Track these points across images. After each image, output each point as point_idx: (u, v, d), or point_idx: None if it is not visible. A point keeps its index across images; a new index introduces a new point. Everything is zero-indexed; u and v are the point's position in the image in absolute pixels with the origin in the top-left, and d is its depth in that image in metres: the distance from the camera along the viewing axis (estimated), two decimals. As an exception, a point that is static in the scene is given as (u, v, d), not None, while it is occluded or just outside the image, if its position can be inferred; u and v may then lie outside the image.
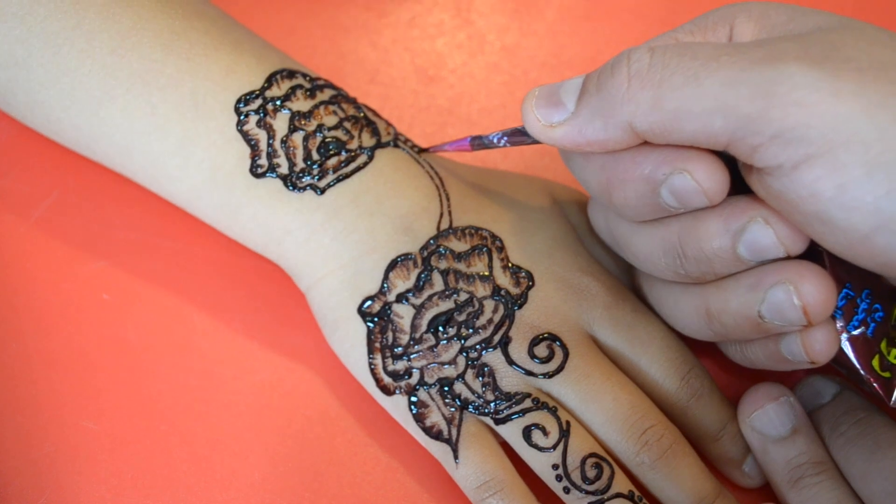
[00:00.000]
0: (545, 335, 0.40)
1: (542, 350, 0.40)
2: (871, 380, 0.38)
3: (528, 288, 0.41)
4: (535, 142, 0.38)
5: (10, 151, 0.47)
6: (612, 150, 0.36)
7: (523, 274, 0.41)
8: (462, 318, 0.40)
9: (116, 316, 0.45)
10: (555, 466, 0.38)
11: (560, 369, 0.39)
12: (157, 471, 0.42)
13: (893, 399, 0.38)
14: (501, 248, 0.41)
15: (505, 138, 0.40)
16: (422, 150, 0.44)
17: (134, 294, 0.45)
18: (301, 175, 0.41)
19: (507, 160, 0.50)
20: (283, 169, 0.41)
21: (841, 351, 0.38)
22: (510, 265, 0.41)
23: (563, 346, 0.40)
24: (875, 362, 0.38)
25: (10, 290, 0.45)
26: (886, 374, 0.38)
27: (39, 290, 0.45)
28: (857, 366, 0.38)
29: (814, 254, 0.38)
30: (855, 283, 0.38)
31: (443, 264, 0.40)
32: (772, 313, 0.36)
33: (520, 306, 0.40)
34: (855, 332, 0.38)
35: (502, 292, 0.40)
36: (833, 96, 0.31)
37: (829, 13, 0.34)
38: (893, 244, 0.31)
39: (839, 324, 0.38)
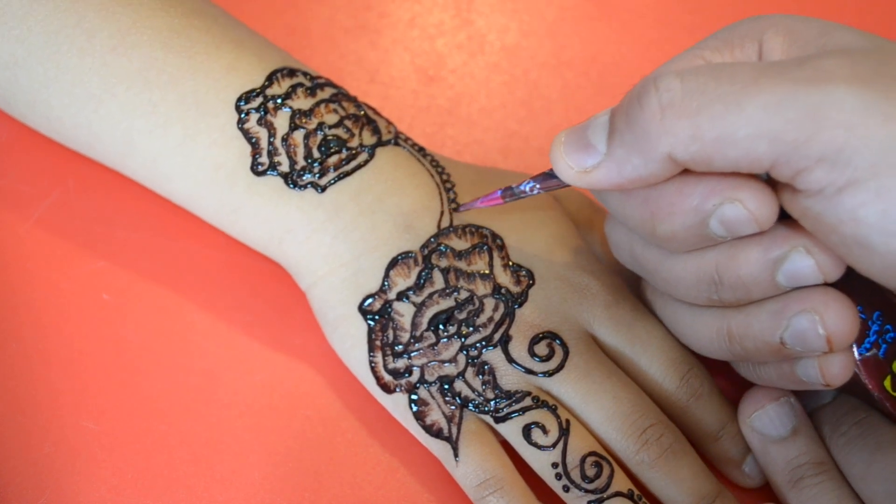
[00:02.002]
0: (545, 334, 0.40)
1: (542, 348, 0.40)
2: (884, 399, 0.38)
3: (529, 286, 0.41)
4: (568, 185, 0.37)
5: (10, 151, 0.47)
6: (654, 184, 0.34)
7: (524, 272, 0.41)
8: (462, 316, 0.40)
9: (116, 316, 0.45)
10: (554, 465, 0.38)
11: (560, 368, 0.39)
12: (157, 471, 0.42)
13: None
14: (502, 247, 0.41)
15: (538, 186, 0.39)
16: (456, 209, 0.42)
17: (134, 294, 0.45)
18: (302, 173, 0.41)
19: (506, 162, 0.50)
20: (284, 167, 0.41)
21: (858, 372, 0.38)
22: (511, 263, 0.41)
23: (564, 345, 0.40)
24: (887, 383, 0.38)
25: (10, 290, 0.45)
26: None
27: (39, 290, 0.45)
28: (869, 387, 0.38)
29: None
30: (866, 305, 0.38)
31: (443, 262, 0.40)
32: (794, 340, 0.35)
33: (520, 305, 0.40)
34: (867, 354, 0.38)
35: (503, 290, 0.40)
36: (881, 120, 0.30)
37: (860, 31, 0.33)
38: None
39: (856, 350, 0.38)
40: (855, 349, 0.38)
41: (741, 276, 0.35)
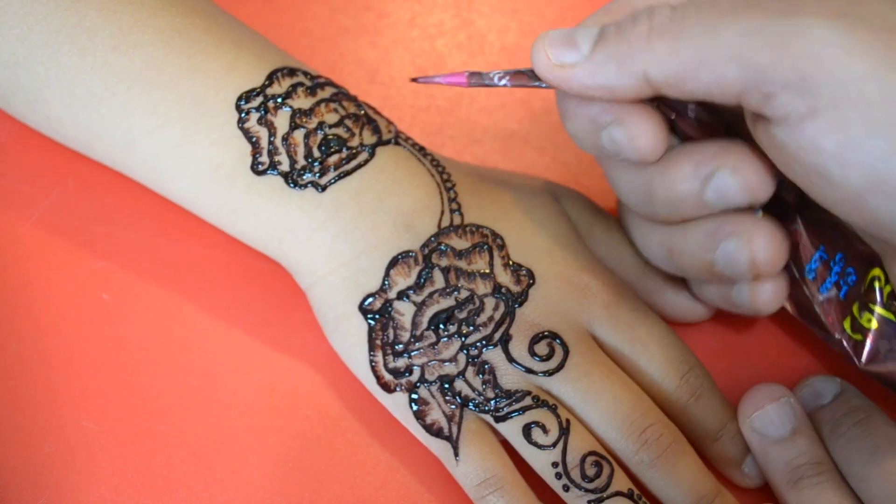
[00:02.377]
0: (546, 333, 0.40)
1: (542, 348, 0.40)
2: (843, 341, 0.40)
3: (529, 286, 0.41)
4: (538, 85, 0.38)
5: (10, 151, 0.47)
6: (618, 99, 0.36)
7: (524, 272, 0.41)
8: (463, 315, 0.40)
9: (116, 316, 0.45)
10: (554, 464, 0.38)
11: (560, 367, 0.39)
12: (157, 471, 0.42)
13: (863, 360, 0.40)
14: (502, 246, 0.41)
15: (507, 78, 0.40)
16: (412, 79, 0.42)
17: (134, 294, 0.45)
18: (302, 172, 0.41)
19: (507, 160, 0.50)
20: (285, 166, 0.41)
21: (814, 311, 0.40)
22: (511, 263, 0.41)
23: (564, 345, 0.40)
24: (847, 324, 0.40)
25: (10, 290, 0.45)
26: (858, 336, 0.40)
27: (39, 290, 0.45)
28: (829, 326, 0.40)
29: (789, 214, 0.39)
30: (829, 246, 0.40)
31: (444, 262, 0.41)
32: (723, 262, 0.38)
33: (520, 304, 0.40)
34: (828, 294, 0.40)
35: (503, 290, 0.40)
36: (846, 52, 0.31)
37: None
38: (884, 206, 0.32)
39: (814, 286, 0.40)
40: (816, 288, 0.40)
41: (672, 191, 0.37)
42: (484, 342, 0.40)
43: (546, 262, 0.41)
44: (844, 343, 0.40)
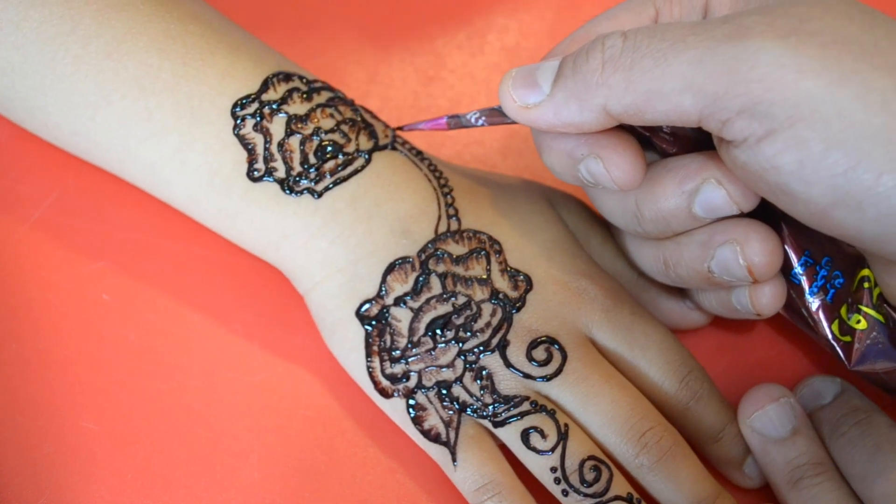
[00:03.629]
0: (543, 338, 0.40)
1: (540, 353, 0.40)
2: (832, 343, 0.40)
3: (527, 291, 0.41)
4: (513, 122, 0.39)
5: (10, 151, 0.47)
6: (586, 132, 0.37)
7: (521, 277, 0.41)
8: (460, 321, 0.40)
9: (116, 316, 0.45)
10: (553, 469, 0.38)
11: (558, 372, 0.39)
12: (157, 471, 0.42)
13: (853, 361, 0.40)
14: (500, 252, 0.41)
15: (483, 118, 0.41)
16: (396, 129, 0.44)
17: (134, 294, 0.45)
18: (298, 179, 0.41)
19: (505, 162, 0.50)
20: (280, 173, 0.41)
21: (803, 314, 0.40)
22: (508, 268, 0.41)
23: (562, 349, 0.40)
24: (835, 327, 0.40)
25: (10, 291, 0.45)
26: (847, 338, 0.40)
27: (39, 290, 0.45)
28: (817, 329, 0.40)
29: (774, 219, 0.39)
30: (815, 250, 0.40)
31: (441, 268, 0.40)
32: (720, 269, 0.38)
33: (518, 310, 0.40)
34: (814, 298, 0.40)
35: (500, 296, 0.40)
36: (796, 72, 0.31)
37: None
38: (849, 219, 0.32)
39: (800, 290, 0.40)
40: (803, 291, 0.40)
41: (659, 210, 0.38)
42: (481, 348, 0.40)
43: (543, 267, 0.41)
44: (834, 345, 0.40)
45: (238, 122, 0.41)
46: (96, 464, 0.42)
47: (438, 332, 0.40)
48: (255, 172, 0.41)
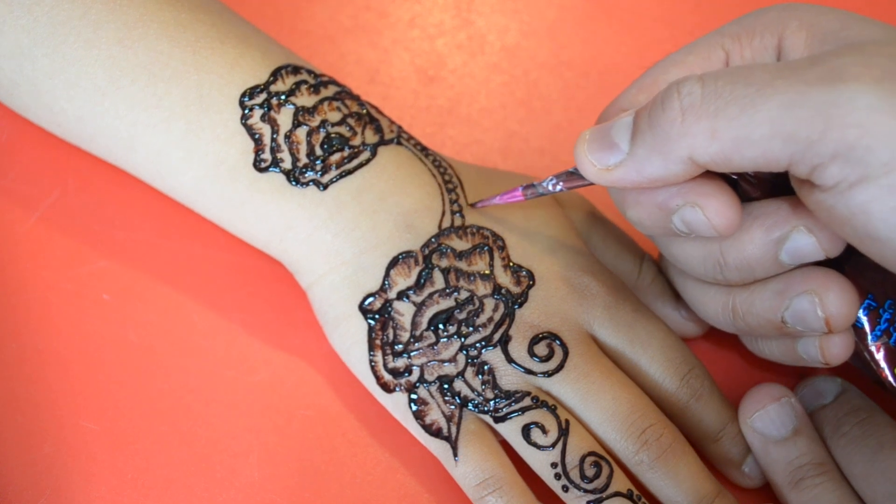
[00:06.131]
0: (545, 334, 0.40)
1: (541, 349, 0.40)
2: (893, 385, 0.39)
3: (529, 287, 0.41)
4: (591, 183, 0.38)
5: (10, 151, 0.47)
6: (674, 184, 0.36)
7: (524, 273, 0.41)
8: (462, 316, 0.40)
9: (116, 316, 0.45)
10: (554, 465, 0.38)
11: (560, 368, 0.39)
12: (157, 471, 0.42)
13: None
14: (503, 247, 0.41)
15: (560, 184, 0.40)
16: (472, 205, 0.43)
17: (134, 294, 0.45)
18: (304, 170, 0.41)
19: (505, 162, 0.50)
20: (287, 164, 0.41)
21: (864, 357, 0.39)
22: (511, 264, 0.41)
23: (563, 345, 0.40)
24: None
25: (10, 290, 0.45)
26: None
27: (39, 290, 0.45)
28: (879, 374, 0.39)
29: (836, 262, 0.38)
30: (878, 293, 0.39)
31: (444, 262, 0.41)
32: (795, 320, 0.37)
33: (520, 305, 0.40)
34: (878, 342, 0.39)
35: (503, 291, 0.40)
36: (893, 118, 0.30)
37: (882, 23, 0.34)
38: None
39: (863, 333, 0.39)
40: (866, 336, 0.39)
41: (745, 258, 0.37)
42: (483, 343, 0.40)
43: (546, 263, 0.41)
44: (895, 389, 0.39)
45: (246, 111, 0.41)
46: (96, 464, 0.42)
47: (441, 326, 0.40)
48: (262, 163, 0.41)
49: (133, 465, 0.42)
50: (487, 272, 0.41)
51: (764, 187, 0.38)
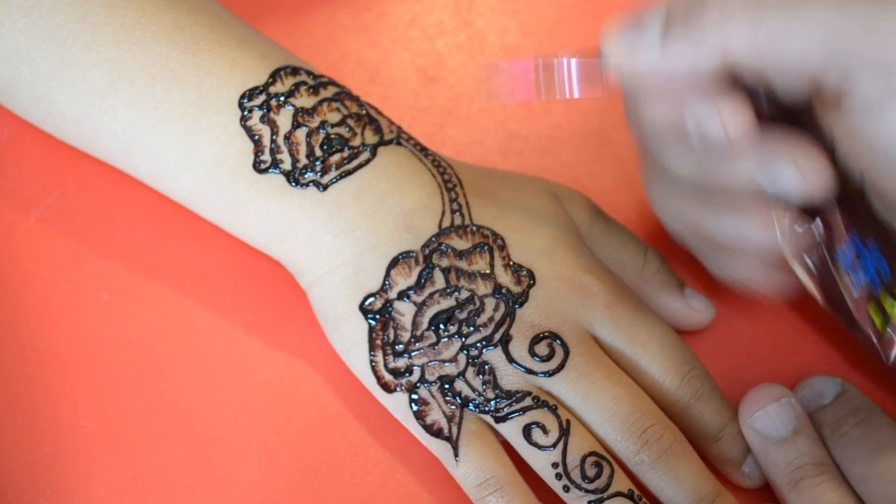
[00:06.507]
0: (546, 334, 0.40)
1: (542, 348, 0.40)
2: (872, 335, 0.39)
3: (530, 286, 0.41)
4: (606, 82, 0.37)
5: (10, 151, 0.47)
6: (699, 78, 0.35)
7: (524, 272, 0.41)
8: (463, 315, 0.40)
9: (117, 316, 0.44)
10: (554, 465, 0.38)
11: (560, 368, 0.39)
12: (157, 471, 0.42)
13: (892, 356, 0.39)
14: (503, 247, 0.41)
15: (575, 77, 0.38)
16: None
17: (134, 294, 0.45)
18: (304, 171, 0.41)
19: (505, 162, 0.50)
20: (286, 165, 0.41)
21: (845, 302, 0.39)
22: (512, 263, 0.41)
23: (564, 345, 0.40)
24: (874, 314, 0.39)
25: (10, 290, 0.45)
26: (887, 333, 0.39)
27: (39, 290, 0.45)
28: (859, 319, 0.39)
29: (827, 206, 0.38)
30: (861, 232, 0.39)
31: (444, 262, 0.40)
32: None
33: (521, 305, 0.40)
34: (858, 284, 0.39)
35: (503, 290, 0.40)
36: None
37: None
38: None
39: (847, 277, 0.39)
40: (849, 278, 0.39)
41: (730, 174, 0.36)
42: (484, 343, 0.40)
43: (547, 262, 0.41)
44: (873, 338, 0.39)
45: (245, 113, 0.41)
46: (96, 464, 0.42)
47: (441, 326, 0.40)
48: (261, 164, 0.41)
49: (133, 465, 0.42)
50: (488, 271, 0.41)
51: (772, 120, 0.37)
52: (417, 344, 0.40)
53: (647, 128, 0.37)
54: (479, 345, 0.40)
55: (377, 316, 0.40)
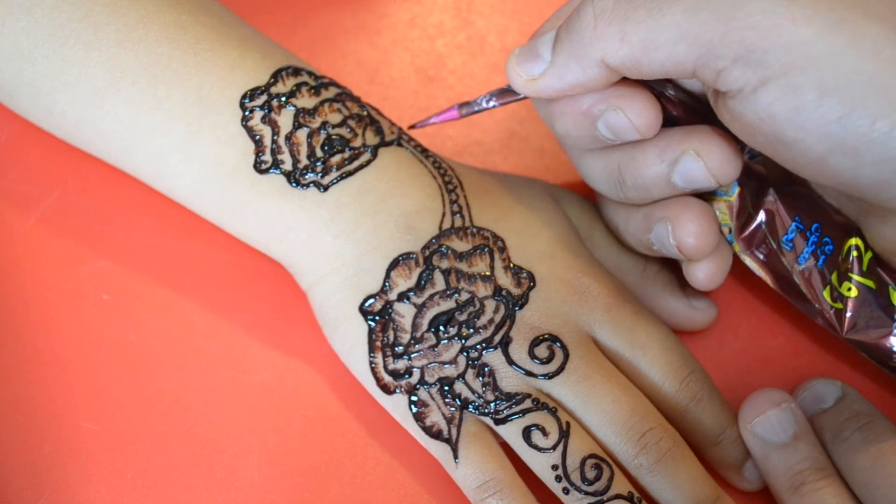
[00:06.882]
0: (546, 336, 0.40)
1: (542, 351, 0.40)
2: (823, 310, 0.40)
3: (530, 289, 0.41)
4: (522, 98, 0.40)
5: (10, 151, 0.47)
6: (593, 90, 0.38)
7: (524, 275, 0.41)
8: (463, 317, 0.40)
9: (116, 316, 0.44)
10: (554, 467, 0.38)
11: (560, 370, 0.39)
12: (157, 471, 0.42)
13: (845, 328, 0.41)
14: (503, 249, 0.41)
15: (493, 99, 0.42)
16: (409, 128, 0.45)
17: (134, 294, 0.45)
18: (304, 172, 0.41)
19: (505, 163, 0.50)
20: (287, 165, 0.41)
21: (794, 282, 0.41)
22: (512, 265, 0.41)
23: (564, 348, 0.40)
24: (826, 293, 0.41)
25: (10, 290, 0.45)
26: (838, 305, 0.41)
27: (39, 290, 0.45)
28: (809, 296, 0.41)
29: (763, 186, 0.40)
30: (804, 217, 0.41)
31: (444, 264, 0.40)
32: (658, 244, 0.41)
33: (521, 307, 0.40)
34: (806, 264, 0.41)
35: (503, 292, 0.40)
36: (789, 20, 0.32)
37: None
38: (845, 166, 0.33)
39: (791, 256, 0.41)
40: (794, 258, 0.41)
41: (640, 177, 0.39)
42: (484, 345, 0.40)
43: (547, 264, 0.41)
44: (825, 313, 0.41)
45: (246, 113, 0.41)
46: (96, 464, 0.42)
47: (441, 328, 0.40)
48: (262, 164, 0.41)
49: (133, 465, 0.42)
50: (488, 273, 0.41)
51: (685, 110, 0.39)
52: (417, 346, 0.40)
53: (564, 141, 0.41)
54: (478, 347, 0.40)
55: (377, 317, 0.40)
